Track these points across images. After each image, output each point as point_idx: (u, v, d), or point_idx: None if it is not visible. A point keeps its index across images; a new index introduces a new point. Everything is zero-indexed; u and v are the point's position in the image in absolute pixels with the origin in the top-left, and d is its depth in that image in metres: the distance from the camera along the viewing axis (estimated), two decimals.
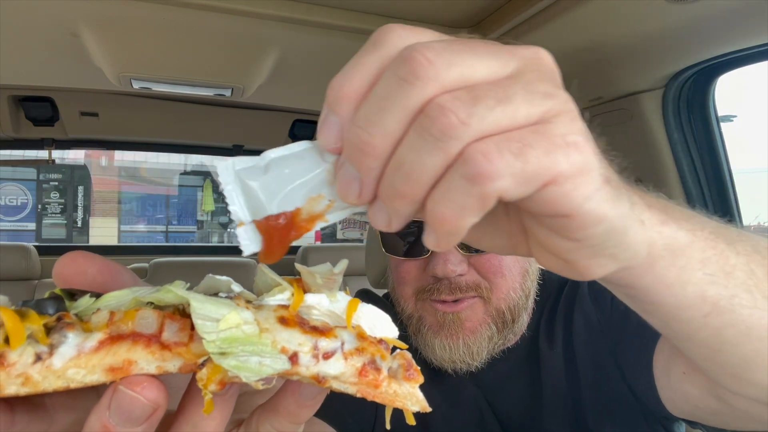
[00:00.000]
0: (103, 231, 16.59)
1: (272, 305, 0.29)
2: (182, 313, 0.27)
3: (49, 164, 2.34)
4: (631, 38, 1.05)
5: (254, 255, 0.27)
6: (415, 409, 0.30)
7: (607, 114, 1.35)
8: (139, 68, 1.38)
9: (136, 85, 1.48)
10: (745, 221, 1.36)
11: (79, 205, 16.88)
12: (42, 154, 2.31)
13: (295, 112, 2.30)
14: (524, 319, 0.86)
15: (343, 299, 0.31)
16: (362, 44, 0.27)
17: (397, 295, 0.89)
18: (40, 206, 16.19)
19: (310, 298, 0.30)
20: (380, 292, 2.38)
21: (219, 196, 18.02)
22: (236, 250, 3.86)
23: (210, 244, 14.32)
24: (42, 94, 2.01)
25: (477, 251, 0.80)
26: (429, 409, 0.31)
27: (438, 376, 0.89)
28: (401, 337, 0.33)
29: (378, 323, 0.32)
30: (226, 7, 1.04)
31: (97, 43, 1.22)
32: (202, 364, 0.26)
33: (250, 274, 2.60)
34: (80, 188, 16.95)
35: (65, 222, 16.68)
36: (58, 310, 0.25)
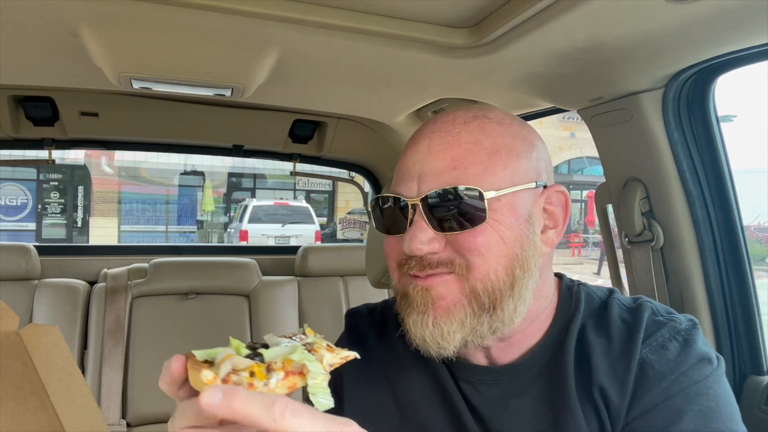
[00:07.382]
0: (103, 231, 16.62)
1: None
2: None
3: (49, 164, 2.34)
4: (631, 38, 1.05)
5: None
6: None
7: (607, 114, 1.35)
8: (139, 68, 1.38)
9: (136, 85, 1.48)
10: (745, 221, 1.36)
11: (79, 205, 16.91)
12: (42, 154, 2.30)
13: (295, 112, 2.29)
14: (512, 310, 0.79)
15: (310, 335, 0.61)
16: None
17: (390, 271, 0.89)
18: (40, 206, 16.22)
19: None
20: (381, 293, 2.38)
21: (219, 196, 18.07)
22: (236, 250, 3.87)
23: (210, 244, 14.33)
24: (42, 94, 2.01)
25: (453, 230, 0.77)
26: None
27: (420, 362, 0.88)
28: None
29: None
30: (226, 7, 1.04)
31: (97, 43, 1.22)
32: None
33: (248, 273, 2.61)
34: (80, 188, 16.97)
35: (65, 222, 16.71)
36: (256, 355, 0.53)
